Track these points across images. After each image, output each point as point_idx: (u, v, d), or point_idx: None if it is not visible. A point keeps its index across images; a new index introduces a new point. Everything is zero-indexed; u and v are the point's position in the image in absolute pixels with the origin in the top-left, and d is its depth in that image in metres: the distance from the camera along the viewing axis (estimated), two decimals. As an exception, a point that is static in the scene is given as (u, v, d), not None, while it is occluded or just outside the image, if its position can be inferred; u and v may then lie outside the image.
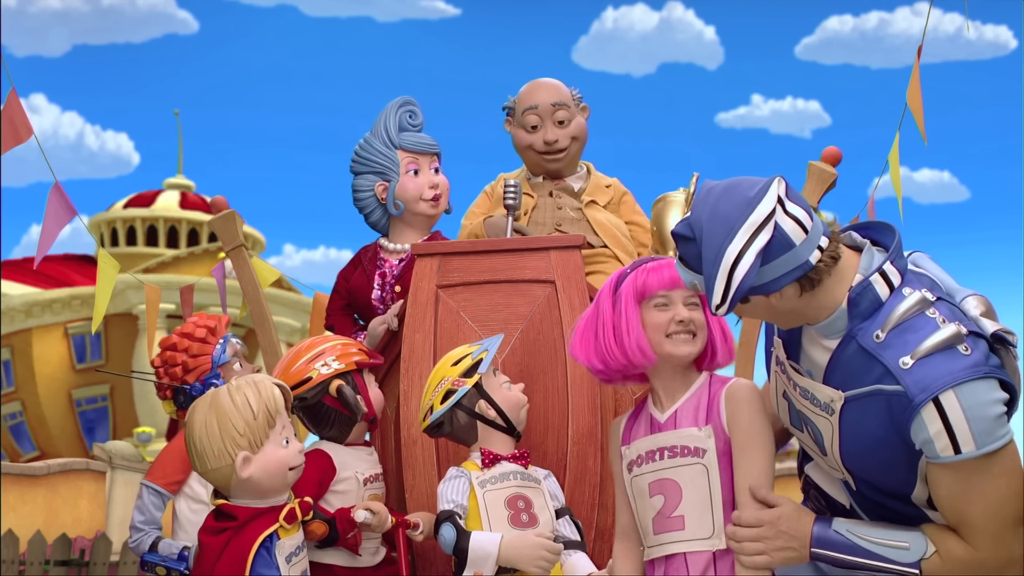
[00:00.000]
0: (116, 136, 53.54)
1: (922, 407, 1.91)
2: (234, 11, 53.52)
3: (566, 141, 3.71)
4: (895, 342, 1.96)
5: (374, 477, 2.97)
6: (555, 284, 3.08)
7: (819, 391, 2.10)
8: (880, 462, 2.04)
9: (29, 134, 3.79)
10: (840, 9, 53.24)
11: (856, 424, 2.03)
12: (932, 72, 37.37)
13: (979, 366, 1.93)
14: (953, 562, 1.98)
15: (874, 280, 2.00)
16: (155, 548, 3.14)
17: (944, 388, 1.90)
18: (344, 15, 56.44)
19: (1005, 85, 48.98)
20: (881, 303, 2.00)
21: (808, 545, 2.07)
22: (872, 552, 2.03)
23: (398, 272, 3.52)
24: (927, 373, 1.92)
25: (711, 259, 1.94)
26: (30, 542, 7.33)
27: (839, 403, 2.05)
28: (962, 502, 1.96)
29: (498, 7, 57.82)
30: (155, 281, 6.54)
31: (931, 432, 1.92)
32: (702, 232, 1.97)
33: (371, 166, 3.55)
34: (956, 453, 1.91)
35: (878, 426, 1.99)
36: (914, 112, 4.22)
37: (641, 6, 55.62)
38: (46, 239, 3.96)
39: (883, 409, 1.97)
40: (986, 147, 56.14)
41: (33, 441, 22.20)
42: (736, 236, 1.93)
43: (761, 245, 1.92)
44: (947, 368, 1.92)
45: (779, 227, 1.94)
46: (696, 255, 1.99)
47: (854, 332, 2.02)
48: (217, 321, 3.47)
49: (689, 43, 53.54)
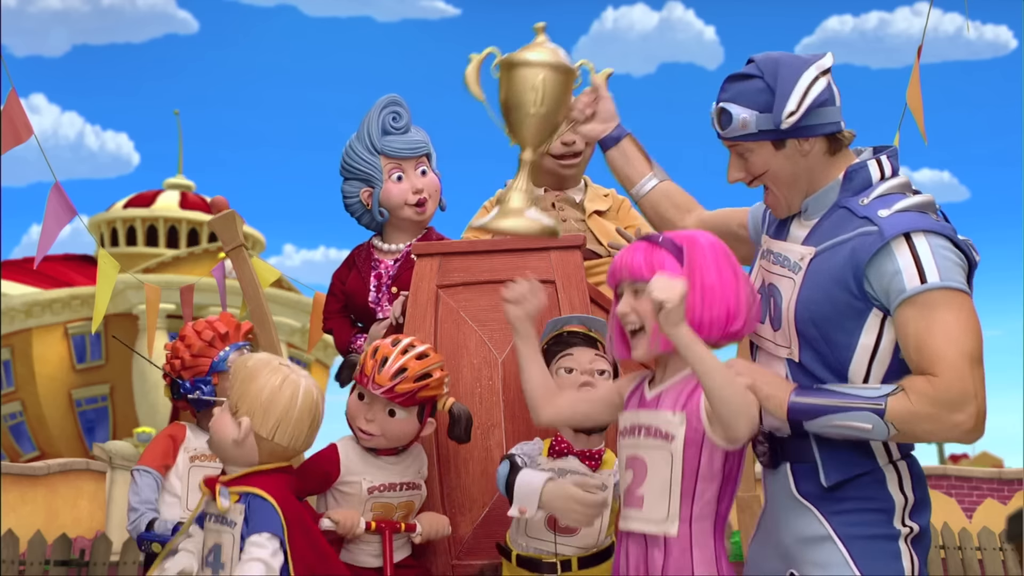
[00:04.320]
0: (116, 136, 53.61)
1: (892, 239, 2.14)
2: (234, 11, 53.55)
3: (582, 144, 3.71)
4: (876, 204, 2.23)
5: (387, 487, 2.81)
6: (555, 284, 3.08)
7: (792, 251, 2.32)
8: (829, 309, 2.21)
9: (29, 134, 3.79)
10: (840, 9, 53.28)
11: (817, 274, 2.24)
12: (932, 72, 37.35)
13: (949, 229, 2.18)
14: (917, 395, 2.09)
15: (870, 163, 2.31)
16: (151, 528, 3.19)
17: (916, 230, 2.15)
18: (344, 15, 56.47)
19: (1005, 85, 49.01)
20: (871, 182, 2.29)
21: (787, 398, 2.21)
22: (843, 392, 2.17)
23: (394, 272, 3.51)
24: (902, 219, 2.17)
25: (788, 77, 2.25)
26: (30, 542, 7.32)
27: (808, 257, 2.27)
28: (924, 333, 2.10)
29: (498, 7, 57.83)
30: (155, 281, 6.54)
31: (900, 263, 2.13)
32: (776, 66, 2.28)
33: (355, 172, 3.52)
34: (922, 283, 2.10)
35: (837, 268, 2.20)
36: (914, 112, 4.23)
37: (641, 6, 55.67)
38: (46, 239, 3.96)
39: (847, 252, 2.19)
40: (986, 147, 56.19)
41: (33, 441, 22.21)
42: (811, 67, 2.26)
43: (827, 83, 2.27)
44: (921, 219, 2.17)
45: (831, 83, 2.29)
46: (759, 88, 2.29)
47: (842, 202, 2.29)
48: (232, 328, 3.45)
49: (689, 43, 53.58)
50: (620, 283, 2.34)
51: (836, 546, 2.20)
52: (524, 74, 2.76)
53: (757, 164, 2.34)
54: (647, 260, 2.26)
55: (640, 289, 2.26)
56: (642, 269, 2.26)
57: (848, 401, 2.14)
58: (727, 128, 2.33)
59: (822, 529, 2.22)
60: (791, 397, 2.20)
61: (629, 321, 2.30)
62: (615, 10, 55.76)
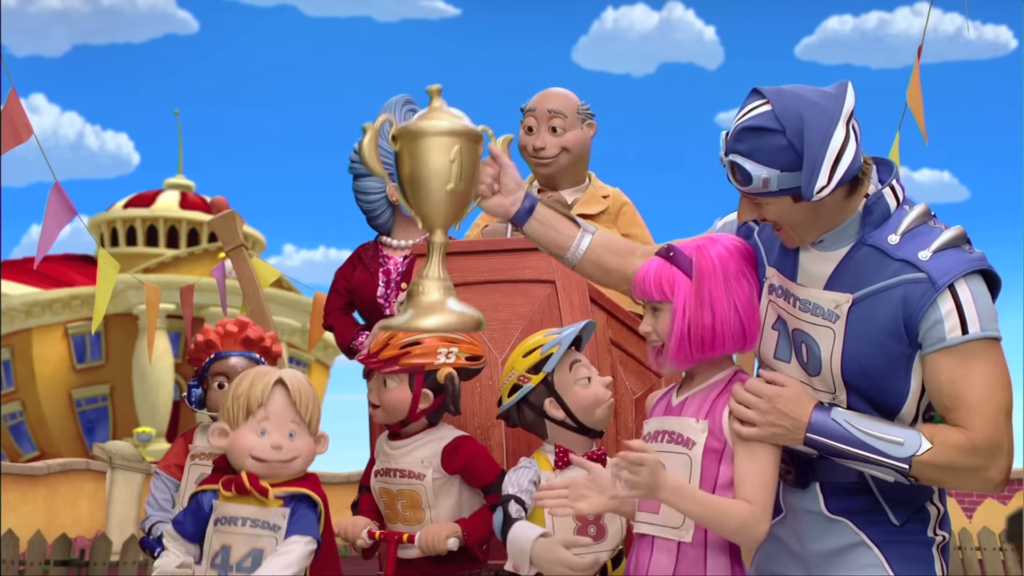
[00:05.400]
0: (116, 136, 53.62)
1: (942, 290, 2.05)
2: (234, 11, 53.54)
3: (554, 149, 3.64)
4: (909, 244, 2.11)
5: (384, 472, 2.86)
6: (555, 284, 3.08)
7: (822, 298, 2.18)
8: (882, 361, 2.12)
9: (29, 134, 3.79)
10: (840, 9, 53.31)
11: (863, 323, 2.12)
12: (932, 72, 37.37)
13: (984, 259, 2.12)
14: (948, 448, 2.05)
15: (885, 192, 2.16)
16: (152, 533, 3.23)
17: (959, 275, 2.06)
18: (344, 15, 56.47)
19: (1005, 85, 49.01)
20: (890, 213, 2.16)
21: (803, 429, 2.12)
22: (866, 443, 2.09)
23: (403, 268, 3.51)
24: (945, 262, 2.08)
25: (815, 141, 2.02)
26: (30, 542, 7.33)
27: (846, 305, 2.14)
28: (962, 383, 2.06)
29: (498, 7, 57.85)
30: (155, 281, 6.54)
31: (943, 311, 2.05)
32: (799, 121, 2.03)
33: None
34: (964, 333, 2.05)
35: (888, 319, 2.10)
36: (914, 112, 4.24)
37: (641, 6, 55.67)
38: (46, 239, 3.97)
39: (896, 301, 2.09)
40: (986, 147, 56.21)
41: (33, 441, 22.21)
42: (839, 124, 2.02)
43: (855, 136, 2.05)
44: (961, 258, 2.09)
45: (855, 125, 2.08)
46: (781, 146, 2.05)
47: (865, 238, 2.15)
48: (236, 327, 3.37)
49: (689, 43, 53.58)
50: (642, 301, 2.30)
51: (871, 550, 2.18)
52: (434, 144, 2.31)
53: (772, 213, 2.16)
54: (656, 279, 2.23)
55: (657, 307, 2.25)
56: (652, 289, 2.23)
57: (871, 454, 2.09)
58: (745, 185, 2.11)
59: (856, 537, 2.20)
60: (807, 433, 2.12)
61: (652, 341, 2.27)
62: (615, 10, 55.75)
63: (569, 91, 3.76)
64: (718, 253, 2.23)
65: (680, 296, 2.19)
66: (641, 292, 2.26)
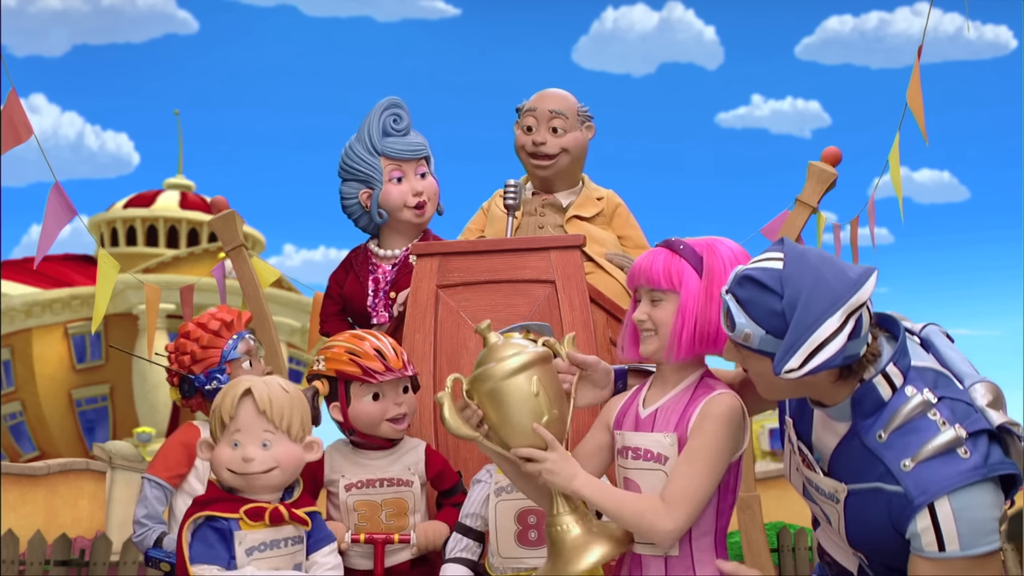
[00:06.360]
0: (116, 136, 53.59)
1: (920, 509, 1.96)
2: (234, 11, 53.53)
3: (555, 149, 3.64)
4: (897, 443, 2.01)
5: (366, 483, 2.80)
6: (555, 284, 3.09)
7: (823, 483, 2.15)
8: (886, 548, 2.08)
9: (29, 134, 3.79)
10: (840, 9, 53.30)
11: (859, 514, 2.09)
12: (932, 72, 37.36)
13: (978, 469, 1.97)
14: None
15: (876, 381, 2.04)
16: (159, 544, 3.10)
17: (940, 493, 1.96)
18: (344, 15, 56.44)
19: (1005, 85, 49.01)
20: (884, 403, 2.04)
21: None
22: None
23: (392, 278, 3.51)
24: (926, 476, 1.97)
25: (805, 324, 1.93)
26: (30, 542, 7.33)
27: (843, 494, 2.10)
28: None
29: (498, 7, 57.85)
30: (155, 281, 6.53)
31: (919, 527, 1.97)
32: (799, 294, 1.95)
33: (355, 173, 3.52)
34: (940, 550, 1.96)
35: (878, 519, 2.05)
36: (914, 112, 4.22)
37: (641, 6, 55.66)
38: (46, 239, 3.96)
39: (883, 506, 2.02)
40: (986, 147, 56.19)
41: (33, 441, 22.20)
42: (837, 313, 1.93)
43: (850, 329, 1.94)
44: (946, 472, 1.97)
45: (861, 316, 1.98)
46: (773, 310, 1.98)
47: (857, 429, 2.07)
48: (235, 316, 3.43)
49: (689, 43, 53.57)
50: (638, 288, 2.30)
51: None
52: (512, 387, 2.14)
53: (752, 367, 2.10)
54: (665, 269, 2.23)
55: (657, 297, 2.25)
56: (659, 278, 2.23)
57: None
58: (730, 330, 2.06)
59: None
60: None
61: (645, 328, 2.27)
62: (615, 10, 55.71)
63: (568, 92, 3.76)
64: (727, 254, 2.25)
65: (689, 289, 2.20)
66: (646, 280, 2.25)
